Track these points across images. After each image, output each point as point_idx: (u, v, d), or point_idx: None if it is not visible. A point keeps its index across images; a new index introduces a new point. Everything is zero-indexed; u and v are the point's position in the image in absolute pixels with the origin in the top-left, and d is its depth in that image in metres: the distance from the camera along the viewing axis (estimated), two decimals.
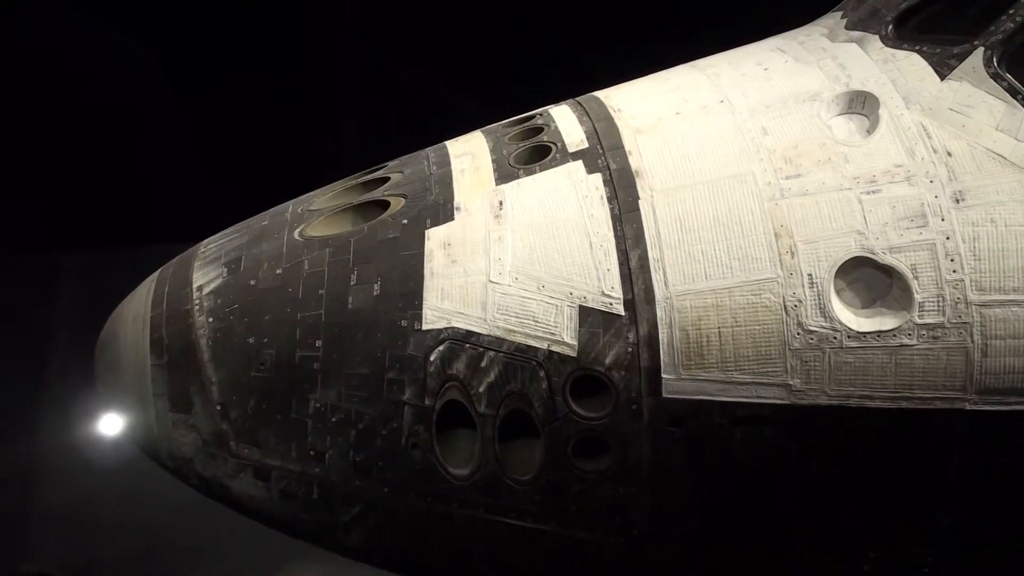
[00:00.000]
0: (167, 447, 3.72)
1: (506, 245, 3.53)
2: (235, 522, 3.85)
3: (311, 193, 4.07)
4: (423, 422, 3.50)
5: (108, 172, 8.61)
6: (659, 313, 3.40)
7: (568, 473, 3.50)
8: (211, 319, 3.66)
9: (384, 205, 3.79)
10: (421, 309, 3.51)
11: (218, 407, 3.62)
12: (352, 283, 3.58)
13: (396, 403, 3.51)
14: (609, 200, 3.54)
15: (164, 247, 4.21)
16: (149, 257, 4.15)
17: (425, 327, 3.50)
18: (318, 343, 3.55)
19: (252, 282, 3.68)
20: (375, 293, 3.56)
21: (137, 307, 3.85)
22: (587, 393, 3.46)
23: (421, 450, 3.52)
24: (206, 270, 3.79)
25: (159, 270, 3.99)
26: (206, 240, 4.00)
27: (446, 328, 3.49)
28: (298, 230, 3.79)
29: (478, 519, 3.59)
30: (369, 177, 4.01)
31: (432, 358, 3.48)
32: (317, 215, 3.84)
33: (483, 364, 3.46)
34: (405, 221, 3.67)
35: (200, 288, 3.74)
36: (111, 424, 3.88)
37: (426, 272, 3.54)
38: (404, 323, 3.51)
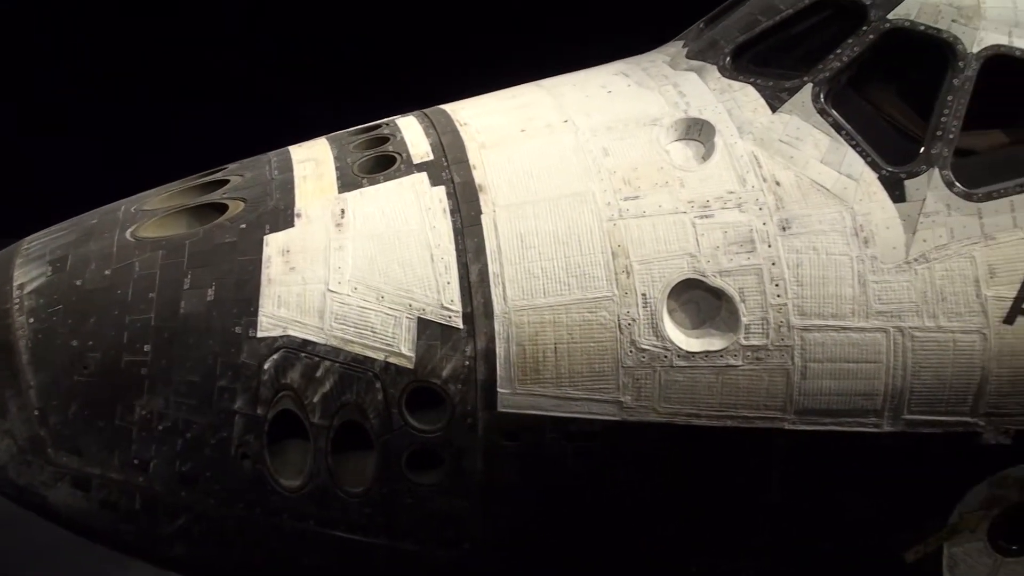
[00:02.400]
0: None
1: (346, 254, 3.56)
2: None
3: (145, 193, 4.00)
4: (254, 432, 3.48)
5: None
6: (497, 327, 3.48)
7: (401, 486, 3.54)
8: (31, 319, 3.55)
9: (222, 208, 3.75)
10: (256, 316, 3.49)
11: (36, 412, 3.50)
12: (185, 287, 3.54)
13: (227, 412, 3.48)
14: (452, 213, 3.61)
15: None
16: None
17: (260, 335, 3.48)
18: (147, 348, 3.49)
19: (78, 282, 3.59)
20: (209, 298, 3.52)
21: None
22: (423, 406, 3.51)
23: (251, 460, 3.50)
24: (28, 268, 3.67)
25: None
26: (30, 237, 3.87)
27: (282, 336, 3.48)
28: (130, 230, 3.71)
29: (308, 532, 3.59)
30: (207, 179, 3.97)
31: (266, 366, 3.47)
32: (150, 216, 3.78)
33: (318, 374, 3.47)
34: (243, 226, 3.65)
35: (21, 287, 3.62)
36: None
37: (263, 279, 3.53)
38: (238, 330, 3.49)
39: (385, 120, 4.15)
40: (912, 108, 3.76)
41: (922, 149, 3.61)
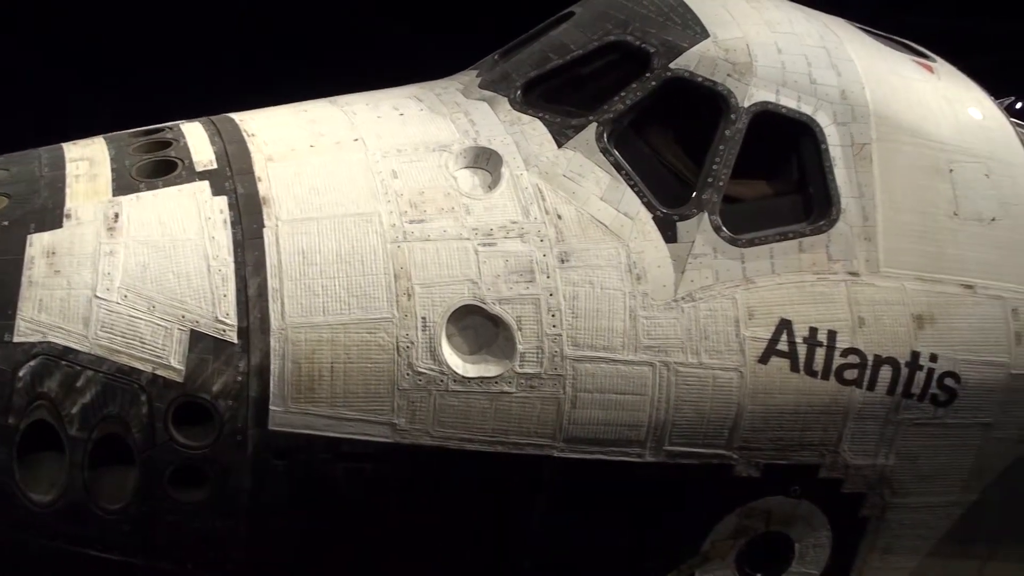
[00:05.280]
0: None
1: (118, 260, 3.47)
2: None
3: None
4: (3, 442, 3.32)
5: None
6: (273, 344, 3.47)
7: (162, 503, 3.47)
8: None
9: None
10: (14, 320, 3.35)
11: None
12: None
13: None
14: (233, 225, 3.58)
15: None
16: None
17: (16, 339, 3.34)
18: None
19: None
20: None
21: None
22: (191, 421, 3.45)
23: None
24: None
25: None
26: None
27: (41, 342, 3.35)
28: None
29: (58, 550, 3.45)
30: None
31: (21, 373, 3.33)
32: None
33: (79, 384, 3.36)
34: (5, 223, 3.50)
35: None
36: None
37: (24, 280, 3.39)
38: None
39: (169, 124, 4.07)
40: (687, 154, 4.02)
41: (694, 194, 3.87)
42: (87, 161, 3.77)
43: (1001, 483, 4.26)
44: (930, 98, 4.33)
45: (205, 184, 3.67)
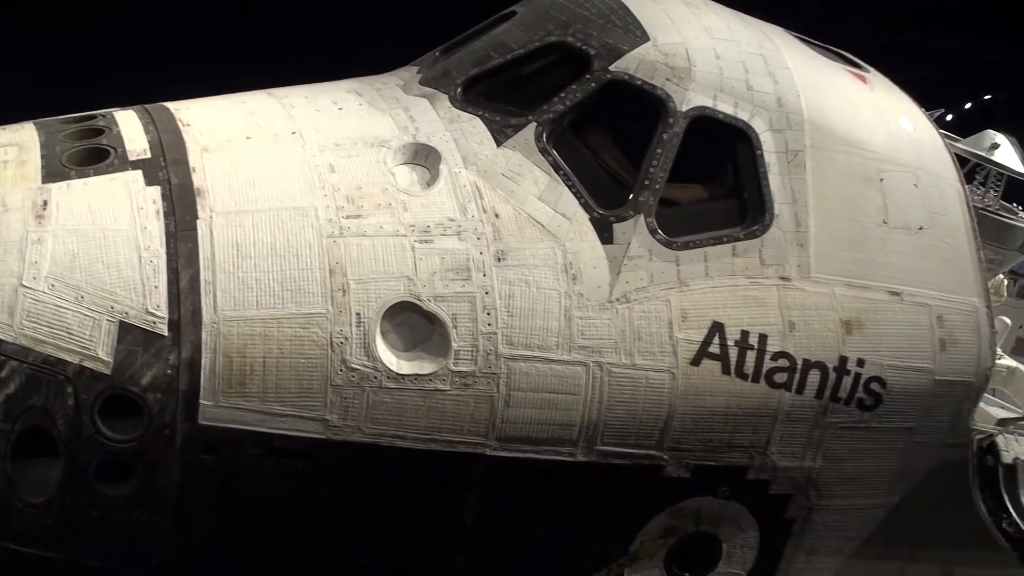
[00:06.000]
0: None
1: (45, 248, 3.41)
2: None
3: None
4: None
5: None
6: (204, 337, 3.44)
7: (87, 497, 3.42)
8: None
9: None
10: None
11: None
12: None
13: None
14: (166, 215, 3.54)
15: None
16: None
17: None
18: None
19: None
20: None
21: None
22: (119, 414, 3.40)
23: None
24: None
25: None
26: None
27: None
28: None
29: None
30: None
31: None
32: None
33: (3, 374, 3.30)
34: None
35: None
36: None
37: None
38: None
39: (102, 111, 4.01)
40: (625, 156, 4.06)
41: (631, 196, 3.90)
42: (16, 147, 3.70)
43: (923, 487, 4.37)
44: (863, 108, 4.43)
45: (138, 173, 3.62)
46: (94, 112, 4.02)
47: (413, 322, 3.68)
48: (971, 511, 4.26)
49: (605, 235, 3.87)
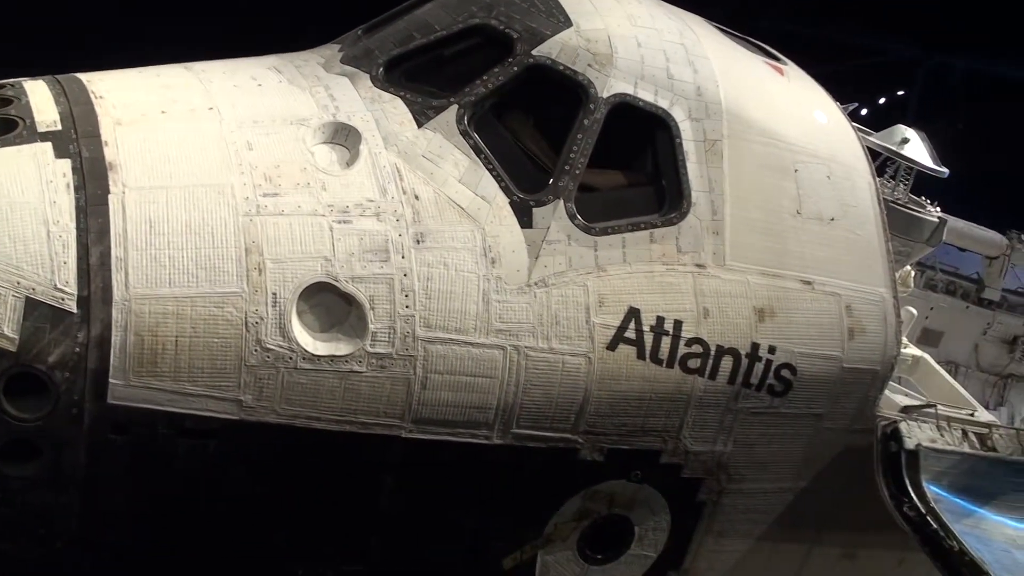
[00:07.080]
0: None
1: None
2: None
3: None
4: None
5: None
6: (115, 315, 3.38)
7: None
8: None
9: None
10: None
11: None
12: None
13: None
14: (76, 189, 3.46)
15: None
16: None
17: None
18: None
19: None
20: None
21: None
22: (25, 392, 3.33)
23: None
24: None
25: None
26: None
27: None
28: None
29: None
30: None
31: None
32: None
33: None
34: None
35: None
36: None
37: None
38: None
39: (10, 81, 3.89)
40: (546, 141, 4.09)
41: (551, 181, 3.93)
42: None
43: (830, 471, 4.49)
44: (780, 99, 4.51)
45: (48, 146, 3.53)
46: (2, 81, 3.91)
47: (330, 303, 3.66)
48: (875, 495, 4.39)
49: (524, 219, 3.90)
